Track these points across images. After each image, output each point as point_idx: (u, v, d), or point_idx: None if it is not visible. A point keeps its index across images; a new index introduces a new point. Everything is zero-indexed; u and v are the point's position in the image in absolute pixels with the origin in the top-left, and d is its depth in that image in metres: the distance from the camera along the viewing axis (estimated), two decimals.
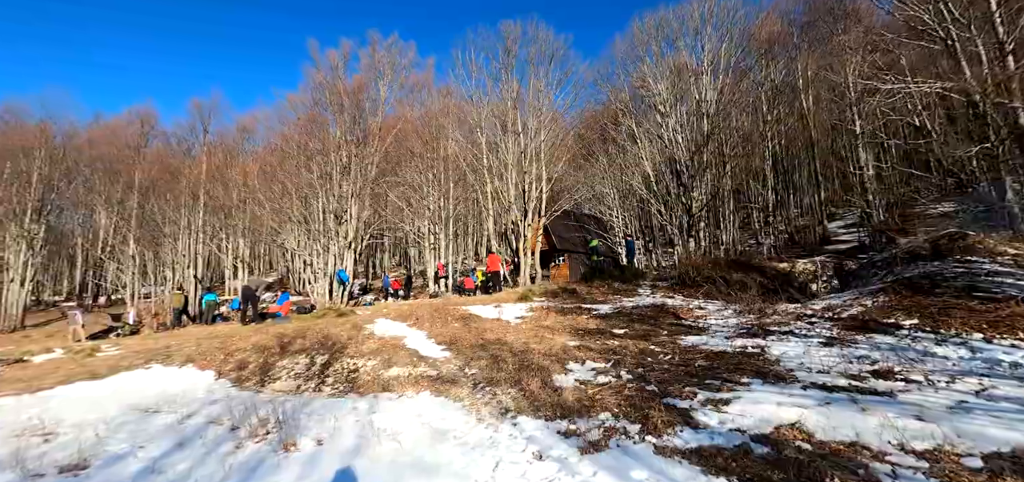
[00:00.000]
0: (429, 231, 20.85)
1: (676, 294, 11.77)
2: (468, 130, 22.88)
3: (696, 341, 6.81)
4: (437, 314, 10.76)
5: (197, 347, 9.98)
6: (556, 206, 19.95)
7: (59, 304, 28.40)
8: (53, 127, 24.02)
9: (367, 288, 33.23)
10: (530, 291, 13.46)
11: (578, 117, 21.70)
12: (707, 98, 23.16)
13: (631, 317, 9.09)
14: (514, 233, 19.47)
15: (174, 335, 13.05)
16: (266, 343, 9.32)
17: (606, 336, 7.57)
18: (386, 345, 8.15)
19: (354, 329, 9.67)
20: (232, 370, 8.54)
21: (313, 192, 18.49)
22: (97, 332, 20.07)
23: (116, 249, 23.82)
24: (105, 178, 24.72)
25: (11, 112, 25.07)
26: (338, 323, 10.70)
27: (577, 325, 8.67)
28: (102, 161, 25.53)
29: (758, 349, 5.89)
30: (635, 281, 14.64)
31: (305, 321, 11.58)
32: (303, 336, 9.40)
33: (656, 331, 7.80)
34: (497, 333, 8.33)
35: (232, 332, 11.09)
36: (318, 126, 20.12)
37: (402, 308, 12.37)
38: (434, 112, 21.58)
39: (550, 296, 12.77)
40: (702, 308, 9.69)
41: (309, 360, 8.05)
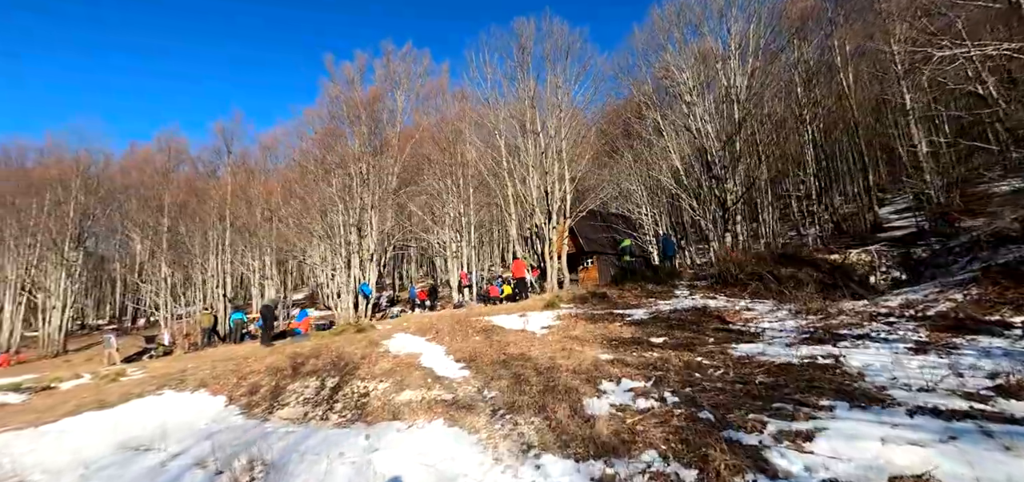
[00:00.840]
0: (450, 240, 20.29)
1: (717, 294, 10.71)
2: (486, 134, 22.29)
3: (751, 350, 5.85)
4: (458, 327, 10.08)
5: (212, 370, 9.63)
6: (581, 206, 19.07)
7: (102, 328, 29.43)
8: (88, 157, 24.99)
9: (395, 300, 33.05)
10: (557, 297, 12.63)
11: (600, 112, 20.83)
12: (736, 84, 21.80)
13: (670, 323, 8.15)
14: (538, 237, 18.68)
15: (198, 357, 12.87)
16: (280, 365, 8.85)
17: (643, 346, 6.69)
18: (401, 364, 7.51)
19: (370, 346, 9.09)
20: (243, 395, 8.10)
21: (333, 206, 18.23)
22: (132, 354, 20.38)
23: (149, 272, 24.43)
24: (138, 204, 25.47)
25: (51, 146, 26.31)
26: (355, 340, 10.17)
27: (609, 334, 7.81)
28: (133, 188, 26.35)
29: (831, 359, 4.91)
30: (670, 281, 13.59)
31: (323, 338, 11.11)
32: (317, 356, 8.88)
33: (701, 338, 6.86)
34: (521, 347, 7.55)
35: (250, 353, 10.73)
36: (336, 139, 19.94)
37: (423, 321, 11.77)
38: (450, 118, 21.12)
39: (579, 302, 11.91)
40: (750, 309, 8.65)
41: (320, 383, 7.49)
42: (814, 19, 24.98)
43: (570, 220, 18.68)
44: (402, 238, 24.37)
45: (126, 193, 26.45)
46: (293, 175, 21.55)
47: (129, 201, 26.18)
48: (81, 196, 24.11)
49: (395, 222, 22.89)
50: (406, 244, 34.32)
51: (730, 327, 7.56)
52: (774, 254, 11.98)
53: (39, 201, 23.67)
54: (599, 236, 26.63)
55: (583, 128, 19.77)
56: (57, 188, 23.67)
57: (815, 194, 21.90)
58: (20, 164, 27.21)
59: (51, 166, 24.71)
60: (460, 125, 20.57)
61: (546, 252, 17.88)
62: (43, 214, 23.32)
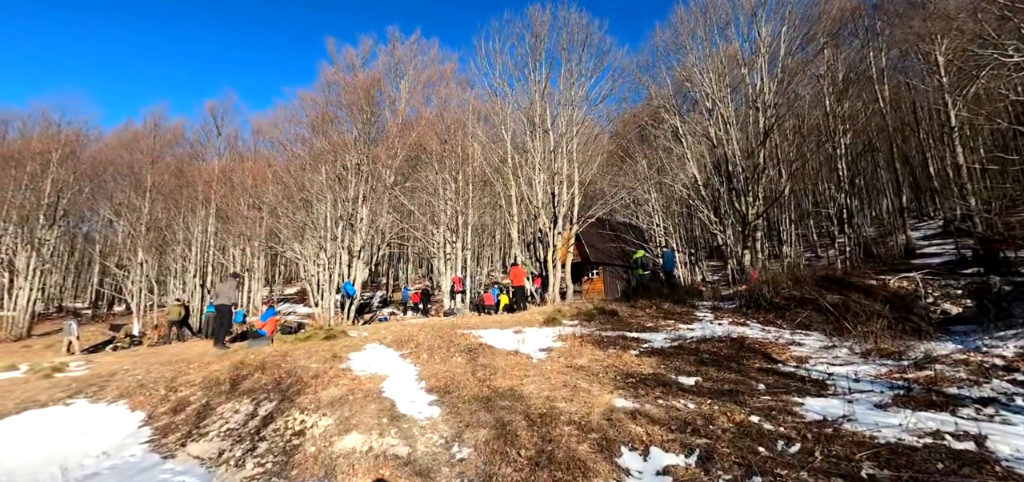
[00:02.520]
0: (445, 240, 18.63)
1: (749, 320, 9.06)
2: (491, 129, 20.77)
3: (826, 409, 4.22)
4: (440, 341, 8.49)
5: (146, 375, 8.11)
6: (590, 212, 17.44)
7: (79, 312, 28.10)
8: (71, 131, 23.58)
9: (387, 301, 31.47)
10: (559, 311, 11.01)
11: (615, 112, 19.18)
12: (764, 90, 20.16)
13: (699, 355, 6.51)
14: (542, 242, 17.09)
15: (146, 355, 11.34)
16: (218, 377, 7.30)
17: (671, 390, 5.06)
18: (358, 390, 5.92)
19: (331, 360, 7.51)
20: (166, 413, 6.57)
21: (319, 195, 16.71)
22: (98, 343, 18.93)
23: (125, 257, 22.99)
24: (120, 184, 24.03)
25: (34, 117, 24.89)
26: (319, 350, 8.60)
27: (624, 367, 6.18)
28: (114, 166, 24.93)
29: (969, 442, 3.27)
30: (689, 301, 11.94)
31: (284, 345, 9.55)
32: (264, 369, 7.32)
33: (746, 383, 5.23)
34: (512, 377, 5.95)
35: (197, 357, 9.17)
36: (330, 124, 18.47)
37: (402, 331, 10.18)
38: (452, 104, 19.61)
39: (584, 319, 10.29)
40: (798, 344, 7.00)
41: (253, 408, 5.92)
42: (851, 24, 23.31)
43: (578, 226, 17.07)
44: (396, 236, 22.80)
45: (107, 171, 25.02)
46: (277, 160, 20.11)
47: (112, 180, 24.75)
48: (61, 171, 22.72)
49: (390, 219, 21.34)
50: (402, 243, 32.78)
51: (779, 367, 5.92)
52: (819, 277, 10.31)
53: (18, 175, 22.32)
54: (607, 246, 24.99)
55: (596, 127, 18.19)
56: (36, 161, 22.28)
57: (846, 213, 20.14)
58: (3, 134, 25.96)
59: (32, 138, 23.38)
60: (463, 115, 19.01)
61: (549, 259, 16.27)
62: (20, 189, 21.95)
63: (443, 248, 18.51)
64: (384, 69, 21.63)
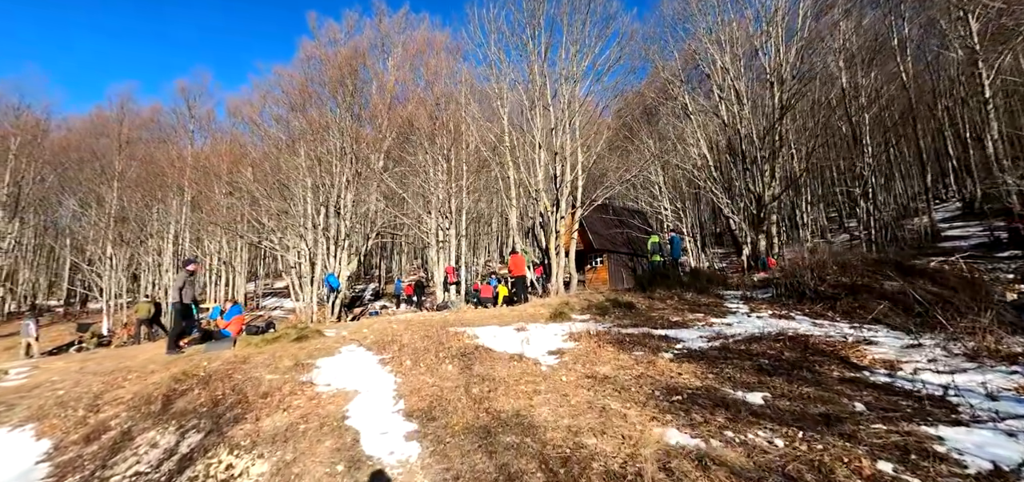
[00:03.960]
0: (437, 226, 17.10)
1: (793, 312, 7.71)
2: (487, 109, 19.25)
3: (983, 447, 2.86)
4: (429, 342, 7.10)
5: (72, 389, 6.71)
6: (596, 194, 16.02)
7: (53, 309, 26.57)
8: (30, 116, 21.83)
9: (379, 293, 30.04)
10: (567, 304, 9.62)
11: (621, 86, 17.62)
12: (781, 63, 18.70)
13: (754, 360, 5.13)
14: (544, 228, 15.69)
15: (89, 359, 9.87)
16: (151, 393, 5.89)
17: (738, 415, 3.68)
18: (314, 415, 4.52)
19: (293, 370, 6.11)
20: (77, 442, 5.20)
21: (298, 180, 15.19)
22: (65, 343, 17.46)
23: (94, 251, 21.45)
24: (85, 172, 22.38)
25: None
26: (284, 354, 7.19)
27: (660, 376, 4.80)
28: (78, 152, 23.21)
29: None
30: (713, 290, 10.58)
31: (248, 348, 8.13)
32: (207, 382, 5.91)
33: (834, 401, 3.86)
34: (517, 394, 4.56)
35: (143, 363, 7.74)
36: (309, 101, 16.88)
37: (386, 329, 8.78)
38: (442, 75, 17.98)
39: (597, 312, 8.91)
40: (871, 342, 5.63)
41: (176, 440, 4.52)
42: None
43: (583, 209, 15.65)
44: (388, 226, 21.30)
45: (72, 159, 23.29)
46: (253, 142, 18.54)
47: (77, 169, 23.03)
48: (20, 160, 20.99)
49: (380, 206, 19.82)
50: (395, 233, 31.31)
51: (868, 377, 4.54)
52: (870, 260, 8.93)
53: None
54: (611, 232, 23.61)
55: (601, 103, 16.70)
56: None
57: (871, 192, 18.77)
58: None
59: None
60: (454, 88, 17.44)
61: (552, 246, 14.87)
62: None
63: (436, 235, 17.01)
64: (370, 43, 19.99)
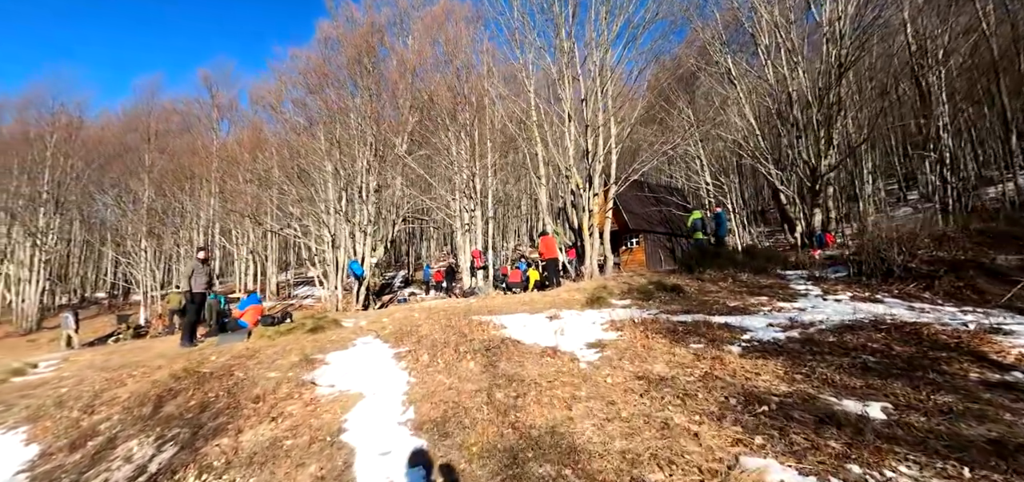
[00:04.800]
0: (462, 208, 16.22)
1: (879, 292, 6.46)
2: (511, 84, 18.18)
3: None
4: (449, 334, 6.31)
5: (76, 386, 6.32)
6: (631, 169, 14.79)
7: (100, 301, 27.62)
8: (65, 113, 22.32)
9: (409, 280, 29.73)
10: (604, 288, 8.63)
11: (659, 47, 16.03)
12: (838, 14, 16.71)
13: (851, 355, 4.04)
14: (575, 207, 14.63)
15: (114, 352, 9.69)
16: (148, 392, 5.36)
17: (853, 436, 2.66)
18: (305, 426, 3.79)
19: (298, 367, 5.45)
20: (63, 449, 4.70)
21: (318, 166, 14.68)
22: (105, 335, 17.82)
23: (128, 243, 21.91)
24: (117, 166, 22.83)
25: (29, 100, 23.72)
26: (295, 348, 6.58)
27: (731, 377, 3.80)
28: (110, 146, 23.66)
29: None
30: (772, 268, 9.33)
31: (262, 339, 7.60)
32: (204, 381, 5.32)
33: (995, 416, 2.76)
34: (552, 400, 3.67)
35: (153, 357, 7.33)
36: (327, 82, 16.30)
37: (407, 319, 8.07)
38: (463, 44, 16.94)
39: (640, 297, 7.88)
40: (998, 329, 4.42)
41: (150, 454, 3.88)
42: None
43: (617, 186, 14.47)
44: (413, 210, 20.73)
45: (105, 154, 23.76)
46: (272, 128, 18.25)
47: (109, 163, 23.53)
48: (58, 156, 21.56)
49: (406, 192, 19.20)
50: (423, 219, 30.81)
51: None
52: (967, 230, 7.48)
53: (20, 162, 21.32)
54: (647, 211, 22.21)
55: (635, 70, 15.25)
56: (33, 148, 21.17)
57: (951, 158, 16.62)
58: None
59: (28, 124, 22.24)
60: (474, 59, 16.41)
61: (584, 226, 13.80)
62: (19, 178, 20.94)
63: (460, 217, 16.16)
64: (387, 20, 19.24)
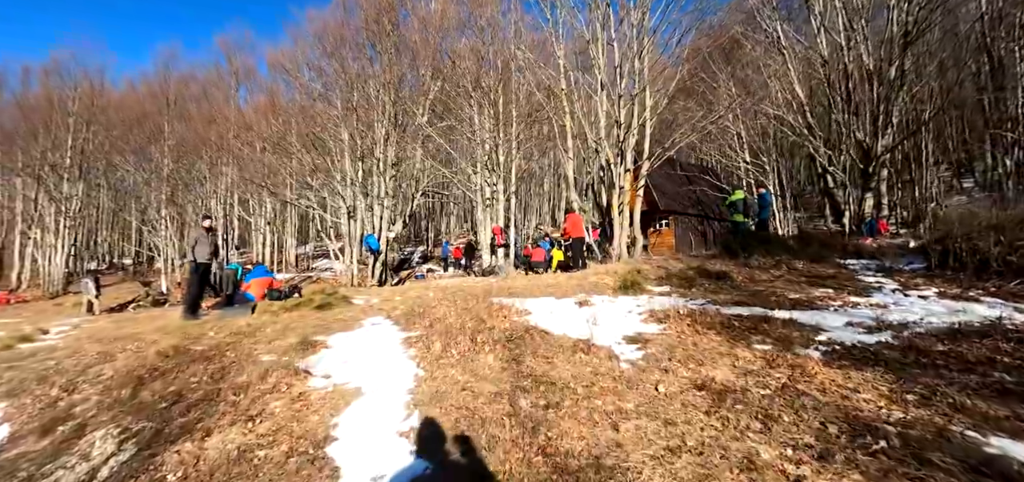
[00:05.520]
0: (482, 181, 15.31)
1: (974, 290, 5.42)
2: (539, 48, 17.06)
3: None
4: (466, 318, 5.59)
5: (68, 359, 5.85)
6: (668, 143, 13.67)
7: (127, 268, 28.19)
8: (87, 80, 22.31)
9: (428, 256, 29.29)
10: (638, 272, 7.75)
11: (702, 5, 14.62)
12: None
13: (977, 371, 3.12)
14: (604, 183, 13.66)
15: (121, 323, 9.37)
16: (133, 370, 4.83)
17: None
18: (288, 430, 3.13)
19: (296, 350, 4.83)
20: (32, 433, 4.21)
21: (334, 135, 14.04)
22: (126, 301, 17.90)
23: (149, 211, 22.03)
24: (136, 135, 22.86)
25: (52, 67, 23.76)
26: (297, 327, 6.00)
27: (821, 394, 2.94)
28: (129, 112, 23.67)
29: None
30: (830, 257, 8.26)
31: (264, 315, 7.07)
32: (189, 364, 4.74)
33: None
34: (591, 415, 2.90)
35: (154, 330, 6.88)
36: (343, 46, 15.54)
37: (421, 298, 7.42)
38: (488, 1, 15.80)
39: (679, 283, 7.01)
40: None
41: (108, 454, 3.28)
42: None
43: (651, 162, 13.39)
44: (434, 185, 20.03)
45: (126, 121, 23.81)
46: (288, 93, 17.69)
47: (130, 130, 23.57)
48: (83, 124, 21.62)
49: (427, 164, 18.47)
50: (443, 194, 30.14)
51: None
52: None
53: (45, 127, 21.53)
54: (678, 191, 20.99)
55: (675, 34, 13.93)
56: (56, 113, 21.29)
57: None
58: (25, 89, 25.35)
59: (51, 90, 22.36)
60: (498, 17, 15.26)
61: (614, 204, 12.84)
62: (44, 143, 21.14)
63: (481, 192, 15.32)
64: None
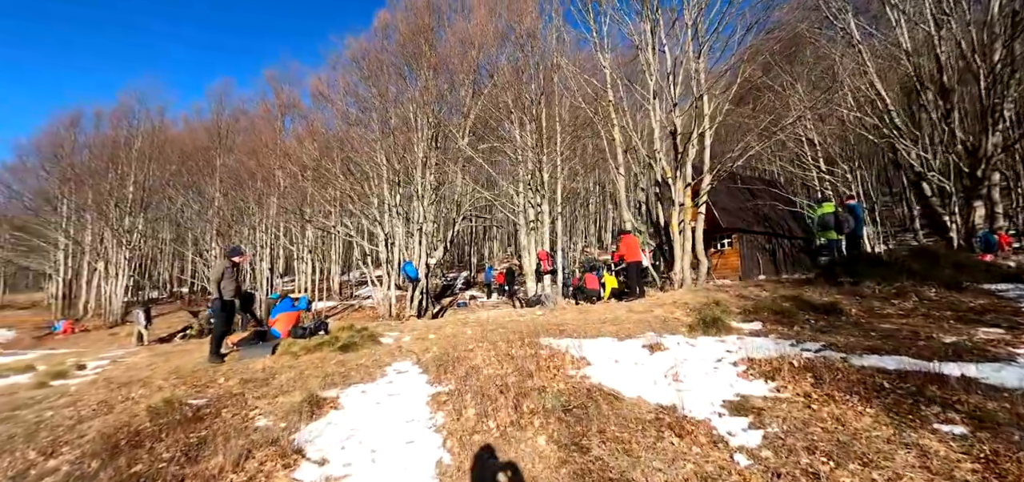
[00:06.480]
0: (525, 202, 14.21)
1: None
2: (584, 62, 16.11)
3: None
4: (507, 368, 4.50)
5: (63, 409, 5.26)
6: (733, 152, 12.19)
7: (183, 296, 29.37)
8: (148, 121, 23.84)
9: (471, 282, 28.54)
10: (716, 304, 6.38)
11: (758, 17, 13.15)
12: None
13: None
14: (661, 200, 12.34)
15: (164, 354, 9.01)
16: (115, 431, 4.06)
17: None
18: None
19: (299, 413, 3.91)
20: None
21: (371, 160, 13.60)
22: (175, 331, 18.15)
23: (201, 242, 22.85)
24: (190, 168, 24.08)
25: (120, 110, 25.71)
26: (313, 372, 5.15)
27: None
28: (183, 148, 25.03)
29: None
30: (964, 279, 6.50)
31: (284, 357, 6.30)
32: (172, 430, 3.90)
33: None
34: None
35: (166, 373, 6.25)
36: (380, 71, 15.24)
37: (455, 339, 6.41)
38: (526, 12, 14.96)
39: (774, 318, 5.60)
40: None
41: None
42: None
43: (712, 175, 11.94)
44: (474, 208, 19.30)
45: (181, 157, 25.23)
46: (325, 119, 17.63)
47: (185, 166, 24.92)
48: (144, 161, 23.03)
49: (467, 188, 17.82)
50: (486, 219, 29.44)
51: None
52: None
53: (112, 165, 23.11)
54: (740, 206, 19.14)
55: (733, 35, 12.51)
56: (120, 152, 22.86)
57: None
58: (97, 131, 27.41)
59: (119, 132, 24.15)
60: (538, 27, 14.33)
61: (673, 223, 11.45)
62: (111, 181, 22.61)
63: (525, 213, 14.26)
64: (448, 5, 17.93)
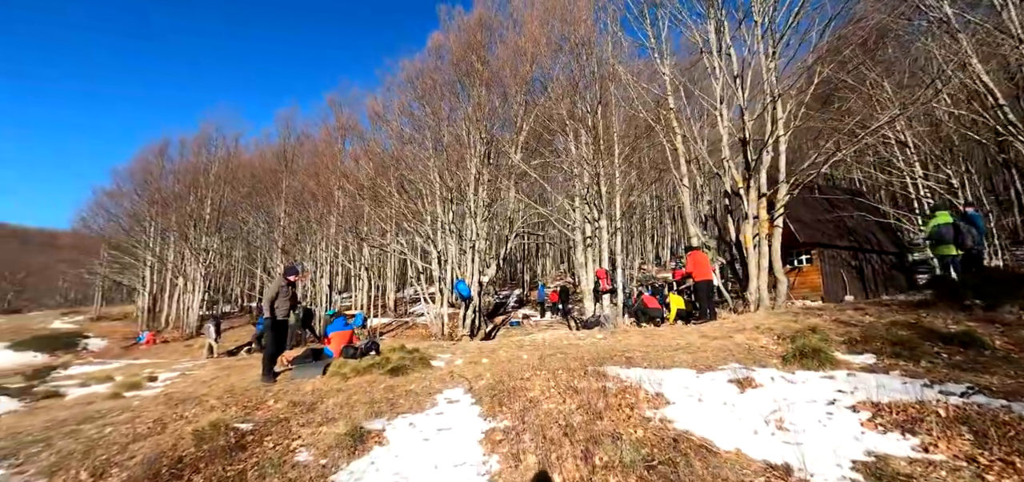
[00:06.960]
0: (581, 216, 13.54)
1: None
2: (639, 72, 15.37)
3: None
4: (572, 404, 3.97)
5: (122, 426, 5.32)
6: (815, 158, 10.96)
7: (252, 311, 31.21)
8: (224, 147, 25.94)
9: (524, 300, 28.07)
10: (813, 330, 5.49)
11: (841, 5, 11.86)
12: None
13: None
14: (731, 213, 11.34)
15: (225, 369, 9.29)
16: (161, 455, 3.93)
17: None
18: None
19: (340, 450, 3.59)
20: None
21: (424, 179, 13.61)
22: (241, 345, 19.13)
23: (268, 261, 24.29)
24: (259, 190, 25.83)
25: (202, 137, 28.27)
26: (360, 398, 4.88)
27: None
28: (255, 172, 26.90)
29: None
30: None
31: (333, 379, 6.12)
32: (212, 460, 3.70)
33: None
34: None
35: (221, 392, 6.25)
36: (436, 88, 15.36)
37: (511, 366, 5.95)
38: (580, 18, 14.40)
39: (890, 349, 4.67)
40: None
41: None
42: None
43: (790, 184, 10.77)
44: (527, 225, 18.96)
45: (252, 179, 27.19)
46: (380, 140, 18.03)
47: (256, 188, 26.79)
48: (220, 184, 25.04)
49: (520, 204, 17.54)
50: (539, 236, 28.98)
51: None
52: None
53: (192, 189, 25.36)
54: (819, 218, 17.40)
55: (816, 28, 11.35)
56: (200, 177, 25.03)
57: None
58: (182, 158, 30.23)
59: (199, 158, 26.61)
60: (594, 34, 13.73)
61: (747, 238, 10.42)
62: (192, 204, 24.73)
63: (581, 229, 13.59)
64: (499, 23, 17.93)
